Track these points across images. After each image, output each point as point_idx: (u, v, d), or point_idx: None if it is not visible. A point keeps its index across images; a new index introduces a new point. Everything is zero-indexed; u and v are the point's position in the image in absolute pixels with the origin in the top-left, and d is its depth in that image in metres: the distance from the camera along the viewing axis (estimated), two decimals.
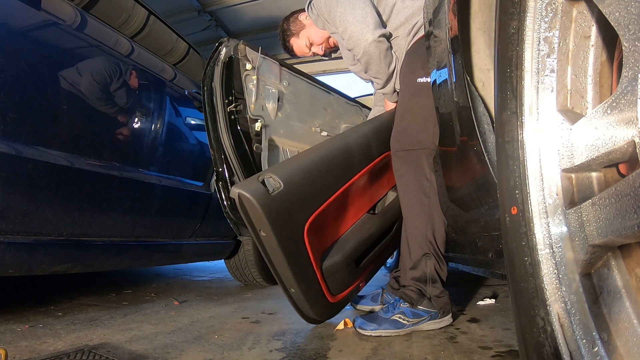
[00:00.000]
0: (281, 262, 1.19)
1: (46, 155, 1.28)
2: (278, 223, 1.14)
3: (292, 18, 1.96)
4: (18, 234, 1.24)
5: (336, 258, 1.39)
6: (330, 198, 1.33)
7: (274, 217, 1.13)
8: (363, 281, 1.59)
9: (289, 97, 1.87)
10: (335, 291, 1.41)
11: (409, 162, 1.46)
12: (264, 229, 1.13)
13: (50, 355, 1.09)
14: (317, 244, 1.32)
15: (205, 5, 4.94)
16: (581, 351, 0.46)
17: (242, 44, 1.66)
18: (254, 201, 1.10)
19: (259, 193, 1.11)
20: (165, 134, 1.87)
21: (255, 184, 1.13)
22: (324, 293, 1.35)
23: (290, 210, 1.19)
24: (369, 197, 1.69)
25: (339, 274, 1.40)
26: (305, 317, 1.37)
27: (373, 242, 1.61)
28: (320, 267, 1.33)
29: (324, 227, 1.39)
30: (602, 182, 0.49)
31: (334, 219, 1.46)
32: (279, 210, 1.15)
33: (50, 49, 1.33)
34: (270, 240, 1.15)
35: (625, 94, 0.39)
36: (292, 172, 1.23)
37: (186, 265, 3.59)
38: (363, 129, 1.64)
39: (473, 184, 0.95)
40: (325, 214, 1.34)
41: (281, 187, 1.16)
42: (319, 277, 1.31)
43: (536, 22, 0.53)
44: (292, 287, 1.25)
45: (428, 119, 1.39)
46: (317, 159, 1.33)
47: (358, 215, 1.60)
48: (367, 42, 1.57)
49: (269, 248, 1.18)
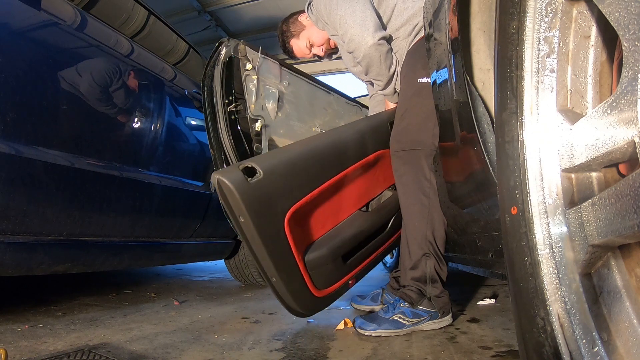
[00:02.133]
0: (260, 250, 1.21)
1: (46, 155, 1.28)
2: (256, 210, 1.17)
3: (292, 19, 1.95)
4: (18, 234, 1.24)
5: (321, 251, 1.39)
6: (316, 190, 1.34)
7: (252, 204, 1.16)
8: (353, 278, 1.57)
9: (289, 97, 1.87)
10: (320, 285, 1.40)
11: (408, 162, 1.46)
12: (242, 215, 1.16)
13: (50, 355, 1.09)
14: (300, 236, 1.33)
15: (205, 6, 4.94)
16: (581, 351, 0.46)
17: (242, 44, 1.66)
18: (232, 187, 1.13)
19: (238, 180, 1.14)
20: (165, 134, 1.87)
21: (235, 171, 1.17)
22: (307, 286, 1.35)
23: (269, 198, 1.21)
24: (362, 194, 1.68)
25: (324, 268, 1.40)
26: (289, 308, 1.36)
27: (364, 239, 1.60)
28: (303, 259, 1.33)
29: (309, 219, 1.40)
30: (602, 182, 0.49)
31: (321, 213, 1.46)
32: (258, 198, 1.18)
33: (50, 49, 1.33)
34: (248, 227, 1.18)
35: (625, 94, 0.39)
36: (274, 162, 1.26)
37: (186, 265, 3.59)
38: (359, 125, 1.65)
39: (473, 184, 0.95)
40: (309, 206, 1.35)
41: (261, 175, 1.19)
42: (301, 269, 1.32)
43: (536, 22, 0.53)
44: (272, 276, 1.26)
45: (428, 119, 1.39)
46: (303, 151, 1.36)
47: (349, 212, 1.60)
48: (368, 46, 1.58)
49: (248, 235, 1.20)
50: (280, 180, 1.24)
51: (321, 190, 1.36)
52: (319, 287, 1.39)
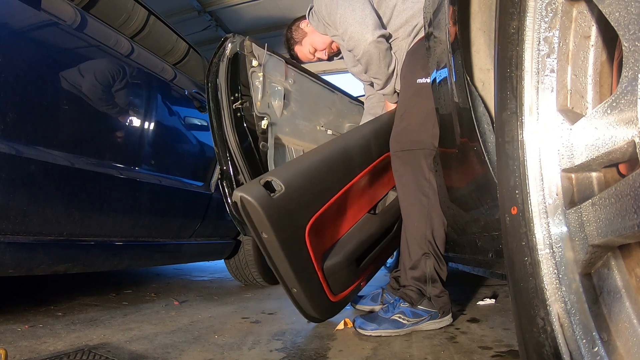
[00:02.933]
0: (283, 263, 1.20)
1: (46, 155, 1.28)
2: (280, 225, 1.15)
3: (294, 27, 1.99)
4: (18, 234, 1.24)
5: (337, 258, 1.40)
6: (331, 199, 1.34)
7: (275, 219, 1.14)
8: (364, 280, 1.60)
9: (295, 95, 1.86)
10: (336, 290, 1.41)
11: (408, 162, 1.47)
12: (266, 231, 1.15)
13: (50, 355, 1.09)
14: (318, 245, 1.33)
15: (205, 5, 4.94)
16: (581, 351, 0.46)
17: (248, 40, 1.64)
18: (255, 204, 1.11)
19: (261, 196, 1.13)
20: (165, 134, 1.87)
21: (257, 187, 1.15)
22: (325, 293, 1.36)
23: (291, 212, 1.20)
24: (370, 197, 1.69)
25: (340, 274, 1.40)
26: (307, 316, 1.38)
27: (373, 242, 1.61)
28: (322, 268, 1.33)
29: (325, 228, 1.39)
30: (602, 182, 0.49)
31: (335, 220, 1.47)
32: (281, 213, 1.16)
33: (50, 49, 1.33)
34: (272, 242, 1.16)
35: (625, 94, 0.39)
36: (293, 174, 1.25)
37: (186, 265, 3.59)
38: (363, 130, 1.65)
39: (473, 184, 0.95)
40: (326, 215, 1.34)
41: (282, 190, 1.18)
42: (320, 277, 1.32)
43: (536, 22, 0.53)
44: (294, 287, 1.26)
45: (427, 119, 1.40)
46: (318, 161, 1.34)
47: (359, 216, 1.61)
48: (367, 43, 1.58)
49: (271, 250, 1.19)
50: (300, 192, 1.23)
51: (336, 198, 1.37)
52: (335, 293, 1.40)
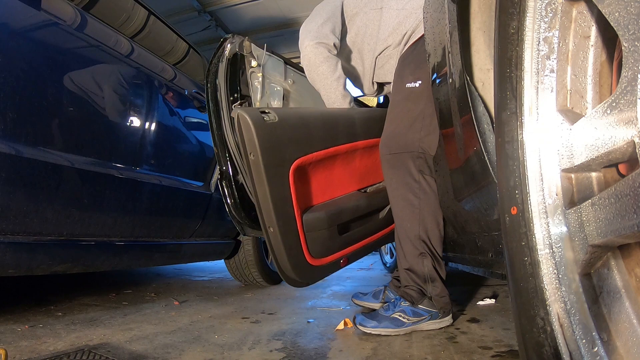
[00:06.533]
0: (263, 191, 1.26)
1: (46, 155, 1.28)
2: (267, 150, 1.25)
3: None
4: (18, 234, 1.24)
5: (319, 214, 1.43)
6: (322, 151, 1.42)
7: (264, 141, 1.24)
8: (345, 258, 1.58)
9: (294, 96, 1.86)
10: (314, 252, 1.41)
11: (395, 165, 1.47)
12: (254, 152, 1.23)
13: (50, 355, 1.09)
14: (302, 192, 1.39)
15: (205, 5, 4.94)
16: (581, 351, 0.46)
17: (247, 41, 1.65)
18: (249, 121, 1.22)
19: (255, 116, 1.25)
20: (165, 134, 1.87)
21: (254, 110, 1.28)
22: (302, 249, 1.37)
23: (280, 142, 1.30)
24: (362, 177, 1.73)
25: (319, 234, 1.42)
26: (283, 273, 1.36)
27: (359, 217, 1.62)
28: (301, 216, 1.37)
29: (312, 180, 1.45)
30: (601, 182, 0.49)
31: (324, 180, 1.51)
32: (271, 138, 1.27)
33: (50, 49, 1.33)
34: (257, 165, 1.24)
35: (625, 94, 0.39)
36: (289, 113, 1.39)
37: (186, 265, 3.59)
38: (370, 112, 1.75)
39: (473, 184, 0.95)
40: (315, 166, 1.41)
41: (276, 119, 1.29)
42: (298, 225, 1.35)
43: (536, 22, 0.53)
44: (270, 225, 1.29)
45: (415, 123, 1.42)
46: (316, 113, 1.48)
47: (347, 190, 1.65)
48: (304, 46, 1.56)
49: (255, 173, 1.26)
50: (292, 130, 1.34)
51: (327, 153, 1.44)
52: (313, 255, 1.42)
